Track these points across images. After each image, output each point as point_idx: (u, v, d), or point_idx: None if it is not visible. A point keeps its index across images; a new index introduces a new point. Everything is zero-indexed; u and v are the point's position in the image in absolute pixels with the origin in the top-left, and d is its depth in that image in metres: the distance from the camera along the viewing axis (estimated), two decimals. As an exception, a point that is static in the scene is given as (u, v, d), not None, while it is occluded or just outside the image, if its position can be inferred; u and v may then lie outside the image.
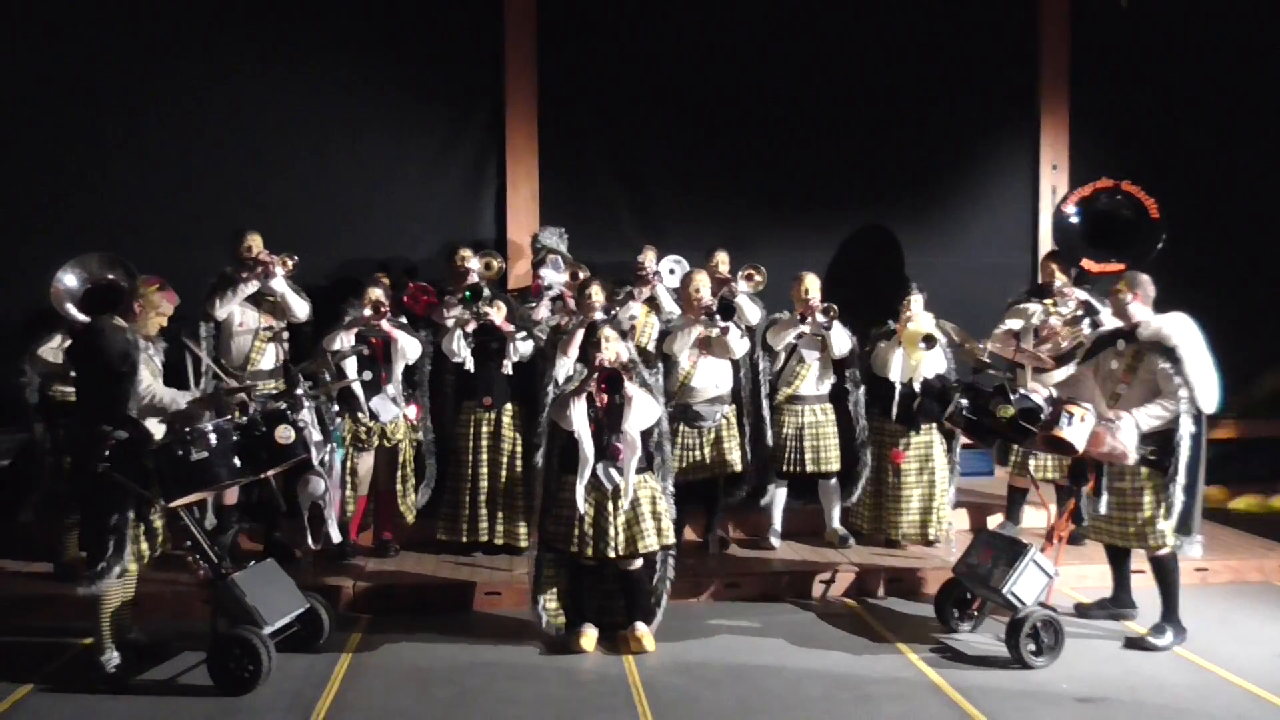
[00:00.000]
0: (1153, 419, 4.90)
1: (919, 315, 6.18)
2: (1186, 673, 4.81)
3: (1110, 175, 7.36)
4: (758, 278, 6.68)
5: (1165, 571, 5.12)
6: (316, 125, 7.34)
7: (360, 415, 6.07)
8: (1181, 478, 4.92)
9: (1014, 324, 6.36)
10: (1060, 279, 6.45)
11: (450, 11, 7.46)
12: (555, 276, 6.60)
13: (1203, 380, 4.93)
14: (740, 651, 5.10)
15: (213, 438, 4.46)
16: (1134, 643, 5.14)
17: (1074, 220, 7.05)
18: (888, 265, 7.81)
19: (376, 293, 6.15)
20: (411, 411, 6.31)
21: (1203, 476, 5.06)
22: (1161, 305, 5.24)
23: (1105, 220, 7.06)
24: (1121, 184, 7.07)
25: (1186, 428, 4.90)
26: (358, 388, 6.00)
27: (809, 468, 6.33)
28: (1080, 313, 6.10)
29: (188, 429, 4.47)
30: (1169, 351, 4.93)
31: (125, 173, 7.14)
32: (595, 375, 4.97)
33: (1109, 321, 5.92)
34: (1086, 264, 6.92)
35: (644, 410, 5.02)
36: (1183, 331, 4.98)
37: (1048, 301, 6.38)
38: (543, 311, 6.44)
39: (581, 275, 6.77)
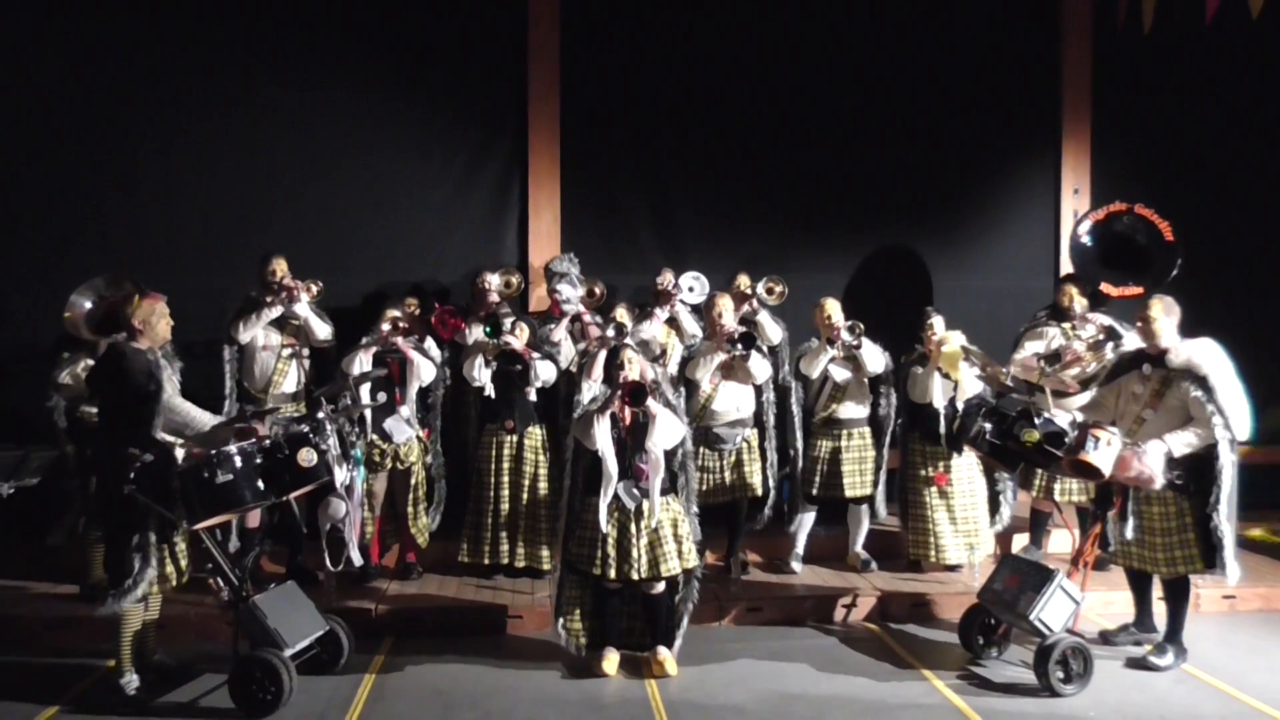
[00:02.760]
0: (1186, 446, 4.86)
1: (951, 335, 6.13)
2: (1217, 702, 4.75)
3: (1131, 199, 7.35)
4: (778, 289, 6.69)
5: (1179, 594, 5.11)
6: (342, 151, 7.42)
7: (373, 437, 6.10)
8: (1224, 507, 4.89)
9: (1034, 348, 6.32)
10: (1080, 303, 6.41)
11: (474, 38, 7.55)
12: (572, 292, 6.65)
13: (1234, 407, 4.90)
14: (763, 676, 5.06)
15: (237, 460, 4.50)
16: (1136, 663, 5.12)
17: (1088, 244, 7.03)
18: (909, 287, 7.80)
19: (394, 313, 6.20)
20: (423, 433, 6.33)
21: (1235, 503, 5.02)
22: (1185, 328, 5.21)
23: (1120, 243, 7.05)
24: (1135, 207, 7.06)
25: (1226, 456, 4.87)
26: (368, 412, 6.03)
27: (847, 493, 6.29)
28: (1102, 337, 6.06)
29: (213, 451, 4.50)
30: (1201, 380, 4.90)
31: (154, 197, 7.23)
32: (618, 389, 4.98)
33: (1131, 345, 5.89)
34: (1105, 288, 6.89)
35: (668, 429, 5.02)
36: (1213, 358, 4.95)
37: (1066, 325, 6.35)
38: (560, 333, 6.45)
39: (598, 291, 6.78)
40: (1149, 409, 5.02)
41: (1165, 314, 5.07)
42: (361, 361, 6.03)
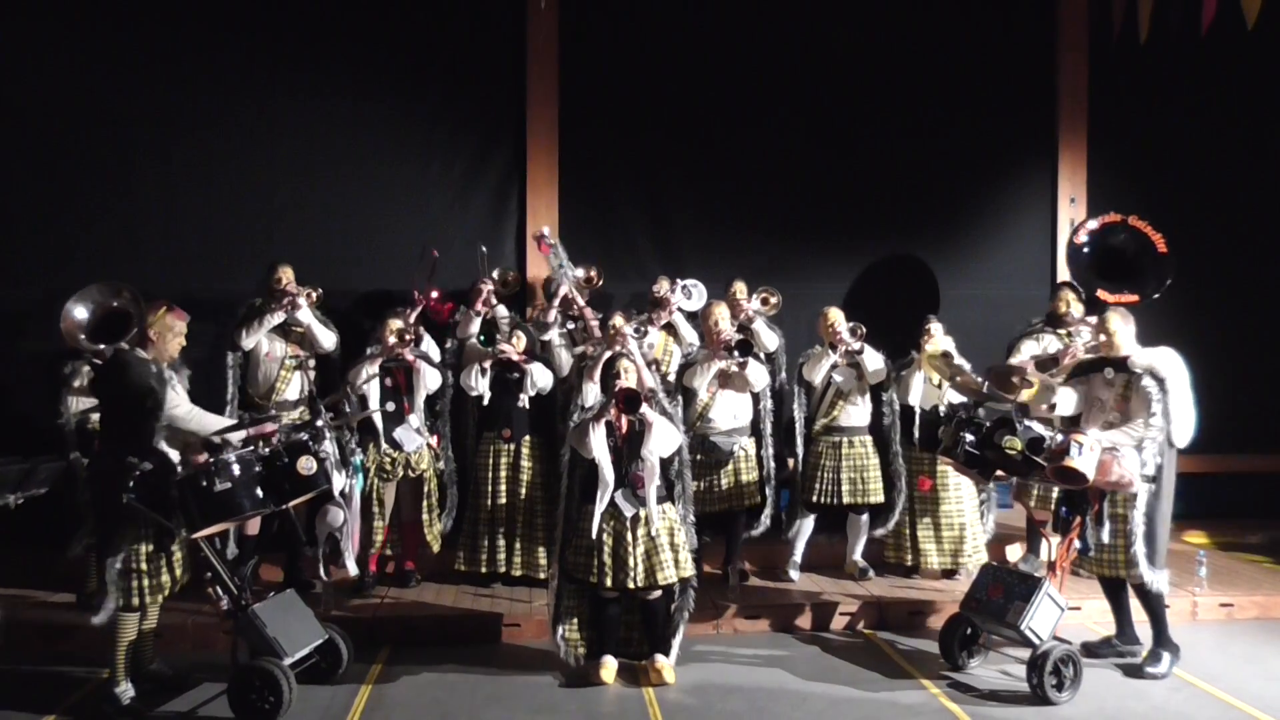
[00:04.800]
0: (1130, 441, 4.98)
1: (938, 337, 6.19)
2: (1214, 709, 4.75)
3: (1127, 208, 7.38)
4: (773, 300, 6.73)
5: (1153, 598, 5.15)
6: (340, 158, 7.44)
7: (383, 446, 6.11)
8: (1165, 506, 5.07)
9: (1031, 352, 6.36)
10: (1077, 309, 6.47)
11: (473, 47, 7.57)
12: (570, 271, 6.69)
13: (1181, 415, 5.09)
14: (762, 684, 5.06)
15: (236, 468, 4.49)
16: (1133, 671, 5.14)
17: (1084, 252, 7.09)
18: (906, 296, 7.82)
19: (397, 323, 6.22)
20: (433, 440, 6.34)
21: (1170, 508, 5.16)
22: (1182, 335, 5.26)
23: (1113, 254, 7.13)
24: (1129, 219, 7.13)
25: (1169, 459, 5.06)
26: (378, 418, 6.04)
27: (846, 499, 6.30)
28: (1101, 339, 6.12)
29: (212, 460, 4.50)
30: (1160, 381, 5.06)
31: (154, 207, 7.25)
32: (613, 397, 4.99)
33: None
34: (1101, 294, 6.94)
35: (664, 436, 5.03)
36: (1173, 366, 5.14)
37: (1061, 331, 6.40)
38: (552, 314, 6.49)
39: (596, 279, 6.80)
40: (1115, 412, 5.13)
41: (1124, 324, 5.24)
42: (367, 371, 6.04)
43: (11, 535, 5.99)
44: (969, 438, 5.02)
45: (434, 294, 6.64)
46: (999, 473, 5.14)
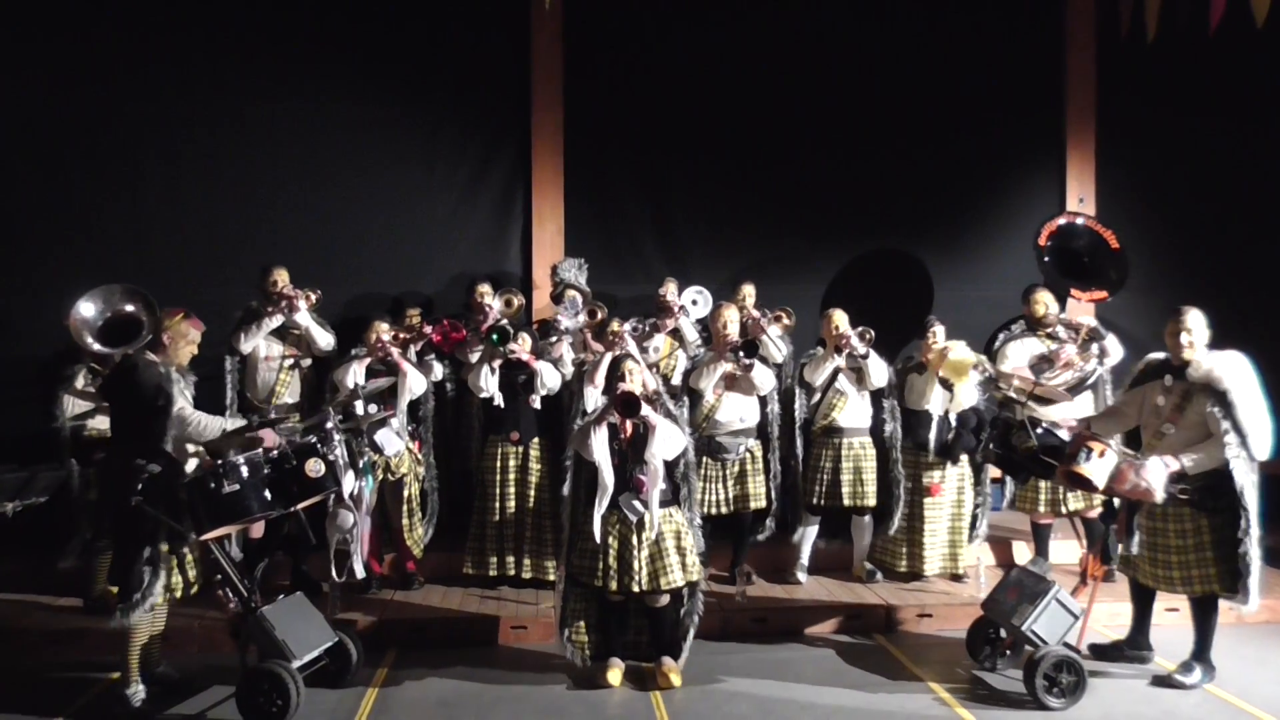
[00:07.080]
0: (1198, 464, 4.71)
1: (956, 345, 6.13)
2: (1224, 715, 4.72)
3: (1136, 208, 7.37)
4: (787, 321, 6.71)
5: (1206, 612, 5.00)
6: (345, 164, 7.46)
7: (364, 449, 6.08)
8: (1255, 530, 4.72)
9: (1020, 356, 6.34)
10: (1054, 309, 6.49)
11: (477, 50, 7.59)
12: (569, 321, 6.61)
13: (1256, 425, 4.68)
14: (769, 688, 5.05)
15: (244, 470, 4.49)
16: (1161, 680, 5.06)
17: (1051, 254, 7.12)
18: (914, 297, 7.82)
19: (383, 326, 6.20)
20: (413, 445, 6.33)
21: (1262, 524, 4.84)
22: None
23: (1075, 255, 7.20)
24: (1080, 219, 7.17)
25: (1245, 476, 4.69)
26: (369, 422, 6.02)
27: (846, 502, 6.29)
28: (1088, 338, 6.10)
29: (220, 461, 4.50)
30: (1220, 395, 4.71)
31: (156, 211, 7.27)
32: (613, 400, 4.98)
33: (1113, 347, 6.00)
34: (1075, 294, 6.97)
35: (668, 438, 5.00)
36: (1236, 373, 4.73)
37: (1042, 333, 6.39)
38: (561, 349, 6.44)
39: (600, 314, 6.77)
40: (1169, 423, 4.85)
41: (1200, 326, 4.87)
42: (355, 373, 6.03)
43: (17, 540, 5.98)
44: (995, 439, 5.01)
45: (446, 322, 6.62)
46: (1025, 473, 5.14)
